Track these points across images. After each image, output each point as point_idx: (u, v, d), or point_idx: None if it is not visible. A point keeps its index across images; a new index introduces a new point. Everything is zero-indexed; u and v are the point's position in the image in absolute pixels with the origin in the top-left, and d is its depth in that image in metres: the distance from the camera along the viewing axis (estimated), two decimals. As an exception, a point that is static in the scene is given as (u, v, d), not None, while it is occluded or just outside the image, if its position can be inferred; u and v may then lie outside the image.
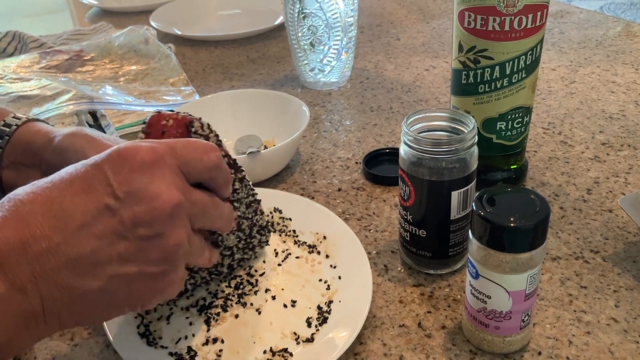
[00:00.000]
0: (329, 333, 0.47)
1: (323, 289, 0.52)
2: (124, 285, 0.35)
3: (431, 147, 0.48)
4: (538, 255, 0.42)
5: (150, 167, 0.35)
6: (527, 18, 0.54)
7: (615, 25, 1.09)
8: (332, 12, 0.84)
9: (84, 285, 0.34)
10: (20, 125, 0.49)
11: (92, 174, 0.35)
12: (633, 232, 0.57)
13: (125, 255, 0.35)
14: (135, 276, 0.36)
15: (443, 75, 0.93)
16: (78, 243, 0.33)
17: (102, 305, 0.36)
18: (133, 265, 0.35)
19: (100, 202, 0.34)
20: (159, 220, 0.35)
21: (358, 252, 0.53)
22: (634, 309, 0.49)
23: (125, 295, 0.36)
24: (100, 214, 0.34)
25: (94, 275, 0.34)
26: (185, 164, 0.38)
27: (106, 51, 1.02)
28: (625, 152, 0.71)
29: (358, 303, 0.48)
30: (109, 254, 0.34)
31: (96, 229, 0.34)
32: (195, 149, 0.39)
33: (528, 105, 0.60)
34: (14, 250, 0.32)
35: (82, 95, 0.82)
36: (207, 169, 0.40)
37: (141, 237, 0.35)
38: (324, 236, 0.57)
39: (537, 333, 0.47)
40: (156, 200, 0.35)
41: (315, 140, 0.78)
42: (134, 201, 0.34)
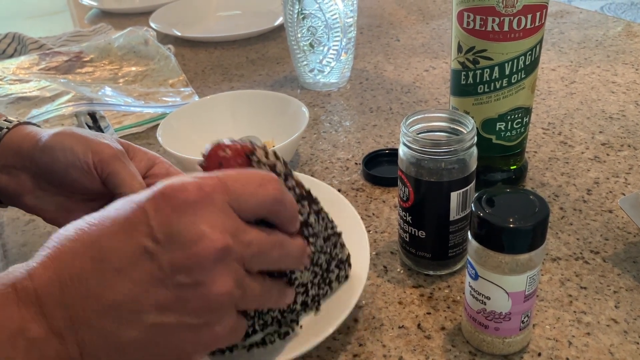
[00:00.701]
0: (332, 300, 0.48)
1: None
2: (164, 336, 0.33)
3: (430, 147, 0.48)
4: (537, 256, 0.42)
5: (194, 206, 0.32)
6: (526, 18, 0.54)
7: (615, 25, 1.08)
8: (331, 12, 0.84)
9: (122, 333, 0.32)
10: (10, 129, 0.49)
11: (134, 213, 0.32)
12: (633, 233, 0.57)
13: (164, 304, 0.32)
14: (176, 327, 0.33)
15: (443, 76, 0.93)
16: (115, 289, 0.31)
17: (143, 355, 0.34)
18: (172, 315, 0.32)
19: (140, 244, 0.32)
20: (199, 267, 0.32)
21: (356, 224, 0.54)
22: (634, 310, 0.49)
23: (166, 346, 0.34)
24: (139, 257, 0.32)
25: (131, 323, 0.32)
26: (237, 200, 0.34)
27: (105, 52, 1.02)
28: (625, 153, 0.70)
29: (356, 271, 0.49)
30: (147, 301, 0.32)
31: (134, 274, 0.32)
32: (249, 181, 0.35)
33: (527, 105, 0.60)
34: (53, 292, 0.31)
35: (81, 97, 0.82)
36: (263, 204, 0.35)
37: (180, 285, 0.32)
38: None
39: (536, 334, 0.47)
40: (198, 244, 0.32)
41: (315, 141, 0.77)
42: (174, 245, 0.32)
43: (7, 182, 0.49)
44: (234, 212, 0.34)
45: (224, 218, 0.33)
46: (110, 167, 0.47)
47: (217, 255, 0.32)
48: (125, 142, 0.50)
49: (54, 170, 0.47)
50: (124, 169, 0.47)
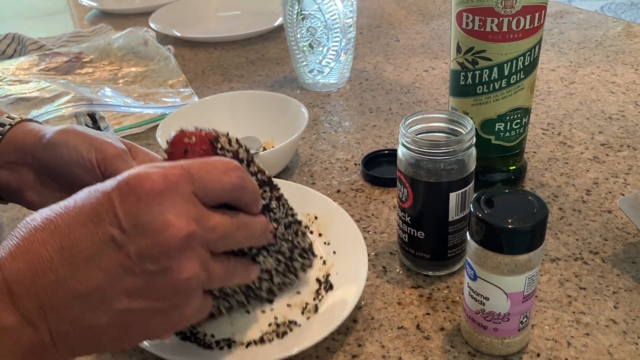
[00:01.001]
0: (330, 301, 0.49)
1: (320, 264, 0.53)
2: (134, 320, 0.35)
3: (429, 148, 0.48)
4: (536, 257, 0.42)
5: (160, 196, 0.33)
6: (525, 19, 0.54)
7: (615, 25, 1.08)
8: (330, 13, 0.84)
9: (92, 319, 0.33)
10: (13, 125, 0.50)
11: (100, 203, 0.34)
12: (632, 233, 0.57)
13: (133, 290, 0.34)
14: (145, 311, 0.34)
15: (442, 77, 0.93)
16: (84, 277, 0.33)
17: (114, 338, 0.35)
18: (142, 301, 0.34)
19: (107, 233, 0.33)
20: (166, 254, 0.33)
21: (350, 227, 0.55)
22: (633, 310, 0.49)
23: (137, 329, 0.35)
24: (106, 246, 0.33)
25: (101, 310, 0.33)
26: (202, 188, 0.36)
27: (105, 53, 1.02)
28: (625, 153, 0.70)
29: (355, 271, 0.50)
30: (116, 289, 0.33)
31: (102, 263, 0.33)
32: (213, 169, 0.36)
33: (527, 106, 0.60)
34: (23, 282, 0.32)
35: (81, 97, 0.82)
36: (226, 191, 0.37)
37: (148, 272, 0.33)
38: (315, 216, 0.58)
39: (535, 335, 0.47)
40: (163, 233, 0.33)
41: (314, 142, 0.77)
42: (140, 234, 0.33)
43: (9, 178, 0.49)
44: (198, 200, 0.35)
45: (188, 206, 0.34)
46: (113, 166, 0.47)
47: (183, 242, 0.33)
48: (129, 142, 0.51)
49: (57, 167, 0.48)
50: (126, 167, 0.48)
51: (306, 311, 0.49)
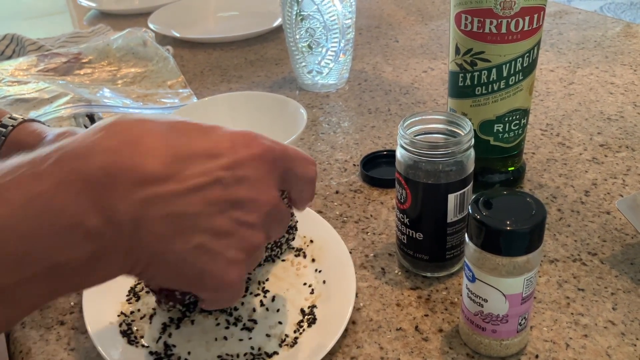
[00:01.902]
0: (311, 336, 0.47)
1: (307, 293, 0.52)
2: (202, 260, 0.35)
3: (427, 150, 0.48)
4: (534, 259, 0.42)
5: (264, 163, 0.37)
6: (523, 20, 0.54)
7: (614, 26, 1.09)
8: (329, 14, 0.84)
9: (171, 243, 0.34)
10: (16, 126, 0.50)
11: (220, 141, 0.36)
12: (631, 234, 0.57)
13: (218, 231, 0.35)
14: (216, 256, 0.36)
15: (441, 77, 0.93)
16: (188, 202, 0.34)
17: (173, 271, 0.35)
18: (219, 244, 0.36)
19: (219, 172, 0.35)
20: (256, 213, 0.37)
21: (343, 257, 0.54)
22: (631, 312, 0.49)
23: (197, 272, 0.36)
24: (215, 182, 0.35)
25: (186, 237, 0.34)
26: (288, 171, 0.39)
27: (104, 54, 1.02)
28: (624, 154, 0.70)
29: (340, 308, 0.48)
30: (207, 222, 0.35)
31: (207, 195, 0.35)
32: (303, 159, 0.41)
33: (525, 107, 0.60)
34: (125, 181, 0.32)
35: (79, 98, 0.82)
36: (305, 181, 0.41)
37: (236, 220, 0.36)
38: (311, 240, 0.57)
39: (534, 336, 0.47)
40: (261, 195, 0.37)
41: (313, 143, 0.77)
42: (244, 186, 0.36)
43: None
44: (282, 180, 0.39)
45: (278, 183, 0.39)
46: None
47: (270, 210, 0.38)
48: None
49: None
50: None
51: (284, 344, 0.47)
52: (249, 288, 0.53)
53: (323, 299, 0.51)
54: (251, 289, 0.53)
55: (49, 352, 0.49)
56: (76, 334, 0.50)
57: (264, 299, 0.52)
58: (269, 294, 0.52)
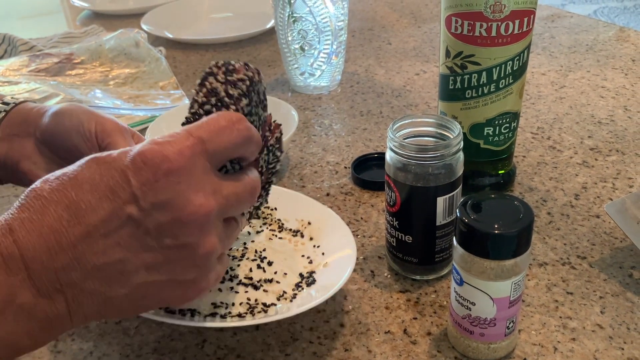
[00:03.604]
0: (310, 293, 0.48)
1: (305, 263, 0.53)
2: (152, 292, 0.35)
3: (416, 152, 0.48)
4: (522, 262, 0.42)
5: (177, 174, 0.33)
6: (513, 24, 0.55)
7: (606, 30, 1.09)
8: (322, 16, 0.83)
9: (111, 292, 0.34)
10: (18, 104, 0.52)
11: (116, 179, 0.33)
12: (619, 238, 0.57)
13: (152, 265, 0.34)
14: (163, 284, 0.35)
15: (433, 80, 0.93)
16: (103, 252, 0.33)
17: (129, 309, 0.36)
18: (160, 274, 0.35)
19: (124, 212, 0.33)
20: (185, 231, 0.34)
21: (341, 228, 0.54)
22: (619, 315, 0.49)
23: (153, 299, 0.36)
24: (125, 223, 0.33)
25: (120, 282, 0.34)
26: (215, 154, 0.36)
27: (96, 54, 1.02)
28: (614, 158, 0.71)
29: (342, 265, 0.49)
30: (135, 263, 0.34)
31: (121, 239, 0.33)
32: (221, 129, 0.36)
33: (515, 110, 0.60)
34: (40, 259, 0.32)
35: (70, 99, 0.82)
36: (238, 146, 0.37)
37: (168, 247, 0.34)
38: (309, 222, 0.57)
39: (522, 340, 0.47)
40: (183, 210, 0.33)
41: (305, 145, 0.77)
42: (159, 212, 0.33)
43: (8, 149, 0.51)
44: (212, 169, 0.36)
45: (204, 181, 0.35)
46: (110, 138, 0.49)
47: (203, 219, 0.34)
48: (133, 130, 0.53)
49: (57, 134, 0.50)
50: (123, 142, 0.50)
51: (282, 298, 0.48)
52: None
53: (323, 266, 0.52)
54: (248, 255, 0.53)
55: (34, 354, 0.48)
56: (63, 336, 0.50)
57: (261, 263, 0.52)
58: (266, 260, 0.52)
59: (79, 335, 0.50)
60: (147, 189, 0.33)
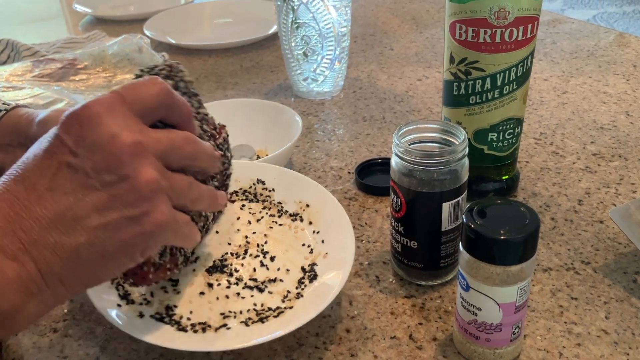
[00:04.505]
0: (313, 291, 0.49)
1: (306, 253, 0.53)
2: (110, 234, 0.36)
3: (422, 158, 0.48)
4: (528, 268, 0.42)
5: (100, 117, 0.36)
6: (517, 30, 0.55)
7: (606, 35, 1.09)
8: (325, 22, 0.84)
9: (71, 241, 0.35)
10: (9, 111, 0.54)
11: (50, 142, 0.36)
12: (624, 244, 0.58)
13: (100, 205, 0.36)
14: (118, 222, 0.36)
15: (436, 86, 0.93)
16: (52, 203, 0.35)
17: (97, 260, 0.37)
18: (111, 212, 0.36)
19: (62, 161, 0.36)
20: (119, 162, 0.36)
21: (340, 217, 0.54)
22: (624, 321, 0.49)
23: (115, 245, 0.37)
24: (64, 172, 0.36)
25: (76, 230, 0.35)
26: (134, 102, 0.38)
27: (99, 60, 1.02)
28: (616, 163, 0.71)
29: (341, 258, 0.50)
30: (84, 207, 0.36)
31: (64, 187, 0.36)
32: (140, 84, 0.39)
33: (519, 116, 0.61)
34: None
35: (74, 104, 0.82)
36: (155, 97, 0.39)
37: (109, 184, 0.36)
38: (307, 204, 0.58)
39: (527, 345, 0.48)
40: (111, 144, 0.36)
41: (308, 150, 0.78)
42: (91, 152, 0.36)
43: (3, 159, 0.53)
44: (135, 116, 0.38)
45: (128, 121, 0.37)
46: None
47: (132, 149, 0.36)
48: None
49: None
50: None
51: (287, 299, 0.49)
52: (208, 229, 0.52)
53: (323, 256, 0.52)
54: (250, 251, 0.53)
55: (41, 359, 0.49)
56: (69, 341, 0.50)
57: (264, 260, 0.52)
58: (268, 255, 0.53)
59: (85, 339, 0.50)
60: (76, 137, 0.36)
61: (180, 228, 0.40)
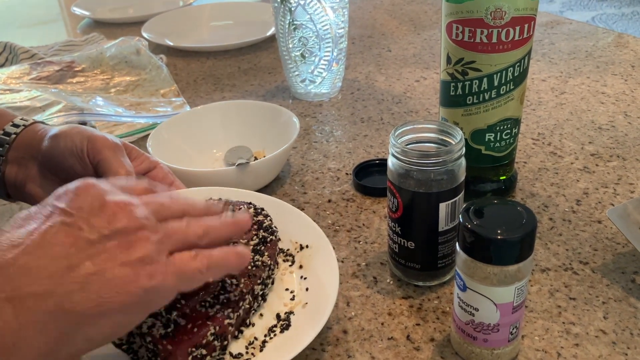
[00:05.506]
0: (280, 342, 0.46)
1: (287, 299, 0.50)
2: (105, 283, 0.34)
3: (419, 159, 0.48)
4: (525, 268, 0.42)
5: (94, 185, 0.37)
6: (514, 30, 0.55)
7: (605, 36, 1.09)
8: (322, 23, 0.84)
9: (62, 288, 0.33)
10: (27, 126, 0.55)
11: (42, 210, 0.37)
12: (622, 243, 0.58)
13: (94, 254, 0.35)
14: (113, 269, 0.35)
15: (433, 87, 0.93)
16: (44, 254, 0.34)
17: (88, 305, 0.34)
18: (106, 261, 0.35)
19: (56, 221, 0.35)
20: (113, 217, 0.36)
21: (331, 268, 0.50)
22: (622, 321, 0.49)
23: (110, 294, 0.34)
24: (57, 229, 0.35)
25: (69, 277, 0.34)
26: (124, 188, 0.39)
27: (97, 62, 1.02)
28: (614, 163, 0.71)
29: (317, 318, 0.46)
30: (78, 256, 0.34)
31: (59, 241, 0.35)
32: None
33: (516, 116, 0.60)
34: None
35: (72, 107, 0.82)
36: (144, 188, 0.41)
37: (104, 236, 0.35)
38: (301, 245, 0.54)
39: (525, 345, 0.47)
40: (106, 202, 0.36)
41: (306, 151, 0.78)
42: (87, 212, 0.36)
43: (17, 172, 0.55)
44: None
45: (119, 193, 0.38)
46: (101, 155, 0.51)
47: (122, 201, 0.37)
48: (130, 145, 0.55)
49: (54, 157, 0.53)
50: (114, 158, 0.51)
51: (251, 346, 0.46)
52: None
53: (302, 306, 0.49)
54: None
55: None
56: None
57: None
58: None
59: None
60: (71, 201, 0.36)
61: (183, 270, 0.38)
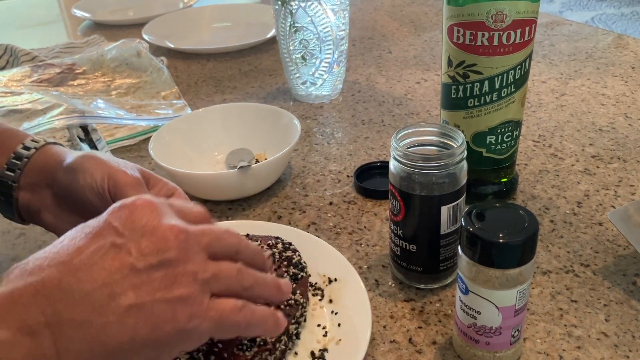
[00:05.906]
0: None
1: (320, 335, 0.49)
2: (142, 316, 0.34)
3: (421, 162, 0.48)
4: (527, 271, 0.42)
5: (149, 208, 0.37)
6: (515, 33, 0.55)
7: (604, 37, 1.10)
8: (323, 25, 0.84)
9: (100, 319, 0.33)
10: (38, 149, 0.52)
11: (96, 226, 0.36)
12: (623, 246, 0.58)
13: (139, 284, 0.35)
14: (152, 304, 0.34)
15: (434, 88, 0.93)
16: (89, 277, 0.34)
17: (124, 339, 0.34)
18: (147, 294, 0.34)
19: (107, 241, 0.35)
20: (165, 247, 0.36)
21: (362, 301, 0.49)
22: (624, 323, 0.49)
23: (145, 325, 0.34)
24: (107, 250, 0.35)
25: (109, 306, 0.34)
26: (179, 209, 0.39)
27: (98, 64, 1.02)
28: (615, 165, 0.71)
29: (353, 350, 0.46)
30: (122, 284, 0.34)
31: (105, 264, 0.34)
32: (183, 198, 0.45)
33: (517, 119, 0.61)
34: (23, 295, 0.33)
35: (73, 110, 0.82)
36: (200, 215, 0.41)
37: (151, 266, 0.35)
38: (329, 279, 0.53)
39: (527, 348, 0.47)
40: (158, 230, 0.36)
41: (307, 154, 0.78)
42: (138, 235, 0.36)
43: (30, 198, 0.52)
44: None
45: (174, 217, 0.38)
46: (123, 194, 0.47)
47: (179, 236, 0.36)
48: (148, 171, 0.51)
49: (72, 191, 0.49)
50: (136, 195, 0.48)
51: None
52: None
53: (336, 343, 0.48)
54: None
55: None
56: None
57: None
58: None
59: None
60: (125, 220, 0.36)
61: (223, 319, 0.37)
